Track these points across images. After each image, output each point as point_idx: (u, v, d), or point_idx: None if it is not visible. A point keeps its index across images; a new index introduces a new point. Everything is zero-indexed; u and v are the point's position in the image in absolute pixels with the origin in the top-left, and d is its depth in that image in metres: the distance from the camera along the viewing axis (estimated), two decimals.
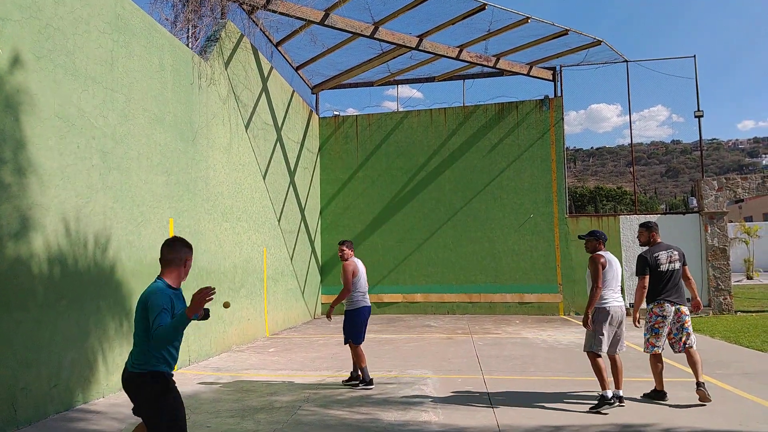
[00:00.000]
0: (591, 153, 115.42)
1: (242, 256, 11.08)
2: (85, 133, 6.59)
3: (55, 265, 5.99)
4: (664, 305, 6.10)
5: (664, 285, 6.13)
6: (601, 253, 6.05)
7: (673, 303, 6.09)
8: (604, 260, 5.97)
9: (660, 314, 6.11)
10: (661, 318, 6.11)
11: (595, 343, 5.92)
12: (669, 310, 6.09)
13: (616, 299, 5.97)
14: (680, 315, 6.10)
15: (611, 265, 6.02)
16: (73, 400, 6.16)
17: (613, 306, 5.92)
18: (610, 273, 5.99)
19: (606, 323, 5.90)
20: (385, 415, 5.70)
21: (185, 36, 10.15)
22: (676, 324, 6.12)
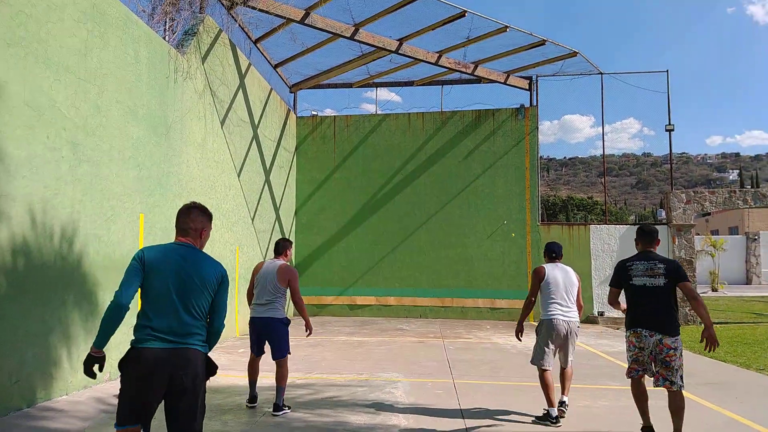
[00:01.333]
0: (564, 163, 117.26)
1: (214, 254, 10.89)
2: (56, 123, 6.43)
3: (20, 258, 5.83)
4: (641, 334, 4.88)
5: (640, 307, 4.93)
6: (543, 265, 5.98)
7: (653, 332, 4.80)
8: (542, 272, 5.87)
9: (637, 345, 4.94)
10: (638, 350, 4.94)
11: (537, 356, 5.79)
12: (648, 341, 4.85)
13: (560, 311, 5.74)
14: (662, 348, 4.77)
15: (553, 276, 5.84)
16: (36, 397, 5.99)
17: (555, 318, 5.71)
18: (553, 284, 5.81)
19: (547, 336, 5.73)
20: (354, 418, 5.67)
21: (162, 29, 10.00)
22: (659, 356, 4.81)
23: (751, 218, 46.37)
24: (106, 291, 7.27)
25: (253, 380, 6.13)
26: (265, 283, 6.02)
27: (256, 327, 6.06)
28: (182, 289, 3.17)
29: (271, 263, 6.16)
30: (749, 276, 38.75)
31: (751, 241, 38.93)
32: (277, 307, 5.99)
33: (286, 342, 5.99)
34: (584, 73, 16.56)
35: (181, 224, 3.36)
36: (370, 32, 13.80)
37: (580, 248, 16.19)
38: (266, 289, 6.00)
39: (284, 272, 6.03)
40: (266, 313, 5.96)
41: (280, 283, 5.99)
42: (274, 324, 5.96)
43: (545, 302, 5.85)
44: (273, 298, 5.98)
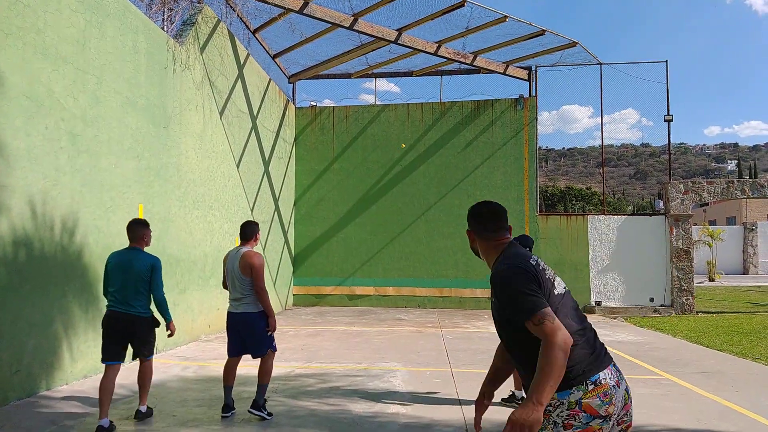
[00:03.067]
0: (562, 153, 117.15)
1: (213, 245, 10.96)
2: (54, 114, 6.43)
3: (20, 249, 5.85)
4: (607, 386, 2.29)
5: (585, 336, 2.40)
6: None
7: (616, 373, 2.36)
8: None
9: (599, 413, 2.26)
10: (600, 420, 2.26)
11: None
12: (617, 395, 2.30)
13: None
14: (629, 408, 2.37)
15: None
16: (36, 387, 6.04)
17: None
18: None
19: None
20: (354, 407, 5.72)
21: (161, 19, 9.96)
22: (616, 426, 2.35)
23: (748, 208, 46.46)
24: None
25: (228, 386, 5.41)
26: (232, 276, 5.41)
27: (232, 323, 5.43)
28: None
29: (235, 252, 5.47)
30: (746, 266, 38.89)
31: (748, 232, 39.04)
32: (250, 300, 5.35)
33: (266, 337, 5.37)
34: (584, 63, 16.52)
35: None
36: (369, 22, 13.74)
37: (578, 239, 16.23)
38: (234, 282, 5.40)
39: (245, 261, 5.33)
40: (241, 308, 5.36)
41: (245, 275, 5.32)
42: (248, 319, 5.33)
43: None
44: (244, 292, 5.34)
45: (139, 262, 5.11)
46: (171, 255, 9.15)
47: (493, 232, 2.61)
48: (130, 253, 5.19)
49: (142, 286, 5.11)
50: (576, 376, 2.27)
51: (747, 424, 5.27)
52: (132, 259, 5.12)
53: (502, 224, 2.62)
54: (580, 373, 2.27)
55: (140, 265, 5.11)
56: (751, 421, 5.39)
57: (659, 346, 9.91)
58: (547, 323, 2.20)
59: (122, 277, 5.07)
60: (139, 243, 5.27)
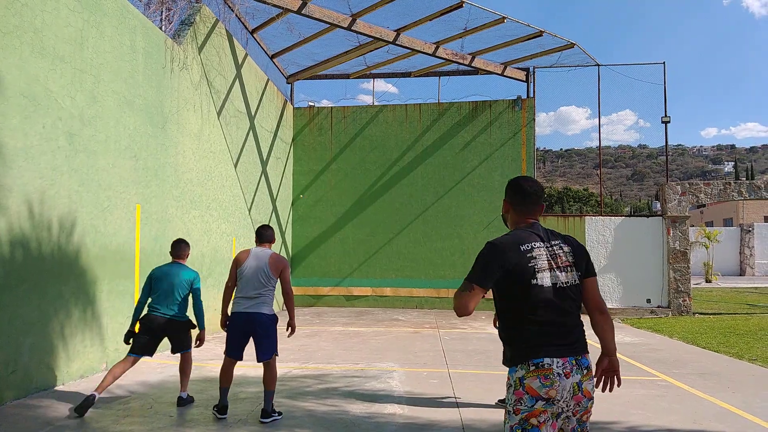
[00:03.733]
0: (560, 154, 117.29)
1: (210, 245, 10.95)
2: (52, 113, 6.41)
3: (17, 248, 5.83)
4: (551, 371, 2.48)
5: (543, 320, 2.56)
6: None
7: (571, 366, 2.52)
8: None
9: (539, 394, 2.47)
10: (543, 402, 2.47)
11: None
12: (561, 384, 2.47)
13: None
14: (580, 399, 2.52)
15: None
16: (32, 387, 6.02)
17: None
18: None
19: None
20: (351, 408, 5.72)
21: (159, 19, 9.95)
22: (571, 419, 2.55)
23: (745, 210, 46.59)
24: (102, 281, 7.30)
25: (225, 388, 5.37)
26: (256, 273, 5.30)
27: (241, 323, 5.27)
28: None
29: (261, 251, 5.46)
30: (743, 267, 38.98)
31: (745, 233, 39.15)
32: (267, 301, 5.31)
33: (275, 341, 5.35)
34: (581, 64, 16.55)
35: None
36: (367, 23, 13.75)
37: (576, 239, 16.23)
38: (257, 280, 5.29)
39: (278, 261, 5.41)
40: (255, 308, 5.24)
41: (273, 274, 5.35)
42: (265, 321, 5.25)
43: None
44: (264, 291, 5.29)
45: (182, 275, 5.82)
46: (168, 255, 9.12)
47: (526, 210, 2.80)
48: (174, 266, 5.90)
49: (182, 295, 5.81)
50: (520, 355, 2.55)
51: (743, 426, 5.29)
52: (176, 271, 5.83)
53: (537, 207, 2.81)
54: (523, 353, 2.54)
55: (184, 277, 5.83)
56: (747, 422, 5.40)
57: (656, 348, 9.93)
58: (459, 290, 2.59)
59: (166, 286, 5.73)
60: (182, 258, 6.02)
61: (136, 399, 5.96)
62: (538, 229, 2.73)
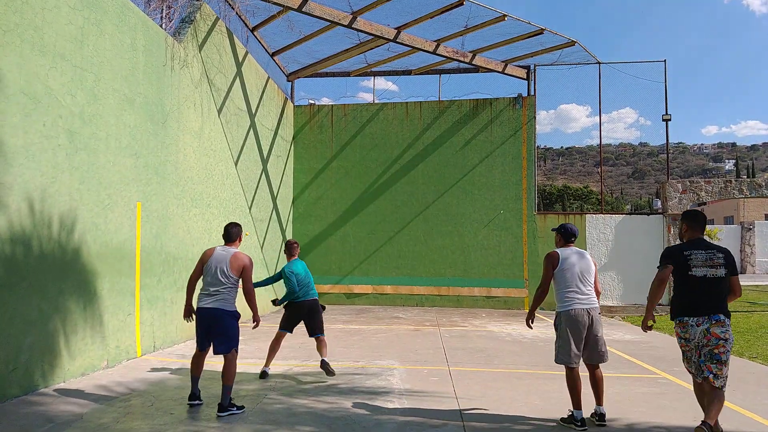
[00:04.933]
0: (560, 152, 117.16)
1: (211, 243, 10.95)
2: (52, 111, 6.42)
3: (17, 246, 5.84)
4: (687, 324, 4.68)
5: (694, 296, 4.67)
6: (556, 249, 5.47)
7: (702, 320, 4.61)
8: (555, 258, 5.34)
9: (682, 336, 4.77)
10: (684, 341, 4.78)
11: (560, 354, 5.27)
12: (693, 331, 4.66)
13: (578, 300, 5.23)
14: (710, 338, 4.59)
15: (568, 262, 5.31)
16: (33, 384, 6.03)
17: (574, 308, 5.20)
18: (569, 272, 5.27)
19: (567, 329, 5.21)
20: (352, 405, 5.73)
21: (159, 16, 9.94)
22: (705, 349, 4.61)
23: (746, 208, 46.55)
24: (103, 279, 7.30)
25: (195, 376, 5.67)
26: (216, 271, 5.58)
27: (203, 318, 5.57)
28: None
29: (223, 250, 5.73)
30: (744, 265, 38.97)
31: (746, 231, 39.13)
32: (226, 297, 5.56)
33: (233, 336, 5.59)
34: (582, 62, 16.53)
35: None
36: (367, 20, 13.74)
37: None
38: (216, 278, 5.57)
39: (237, 260, 5.62)
40: (214, 304, 5.53)
41: (233, 272, 5.58)
42: (223, 316, 5.52)
43: (561, 292, 5.31)
44: (223, 288, 5.55)
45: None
46: (169, 253, 9.14)
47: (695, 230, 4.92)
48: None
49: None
50: (672, 314, 4.85)
51: (743, 423, 5.29)
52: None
53: (701, 228, 4.92)
54: (674, 313, 4.83)
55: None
56: (747, 419, 5.41)
57: (657, 345, 9.93)
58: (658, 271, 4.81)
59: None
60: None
61: (137, 397, 5.97)
62: (700, 242, 4.79)
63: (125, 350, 7.81)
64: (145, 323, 8.35)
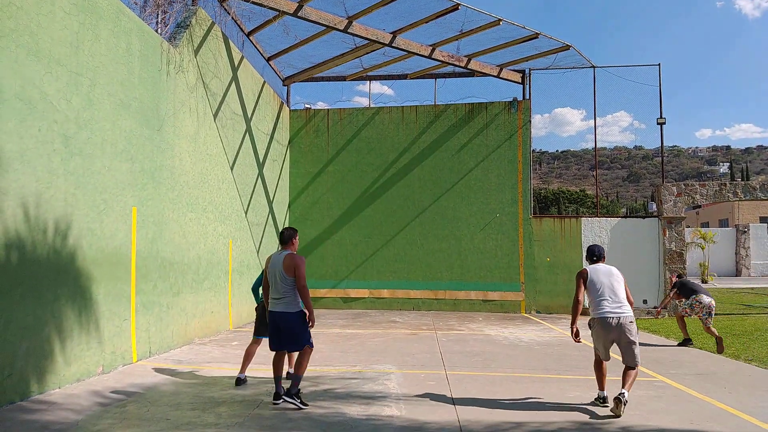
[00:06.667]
0: (556, 156, 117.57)
1: (207, 248, 10.94)
2: (47, 116, 6.40)
3: (13, 251, 5.82)
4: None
5: None
6: (585, 267, 6.38)
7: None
8: (584, 273, 6.26)
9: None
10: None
11: (595, 347, 6.24)
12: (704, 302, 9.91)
13: (609, 308, 6.00)
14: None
15: (596, 275, 6.17)
16: (29, 390, 5.99)
17: (604, 315, 5.98)
18: (598, 283, 6.12)
19: (597, 331, 6.06)
20: (348, 410, 5.71)
21: (154, 21, 9.95)
22: None
23: (741, 211, 46.74)
24: (99, 284, 7.28)
25: (278, 376, 6.03)
26: (275, 276, 5.96)
27: (273, 321, 5.98)
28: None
29: (278, 255, 6.07)
30: (739, 268, 39.10)
31: (740, 234, 39.28)
32: (290, 300, 5.91)
33: (301, 335, 5.90)
34: (577, 66, 16.60)
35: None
36: (363, 25, 13.77)
37: (571, 241, 16.30)
38: (276, 282, 5.94)
39: (289, 261, 5.92)
40: (281, 308, 5.92)
41: (287, 274, 5.88)
42: (288, 318, 5.90)
43: (593, 301, 6.10)
44: (285, 291, 5.91)
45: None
46: (164, 258, 9.12)
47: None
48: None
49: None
50: None
51: (739, 426, 5.30)
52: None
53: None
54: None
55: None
56: (743, 422, 5.42)
57: (653, 348, 9.95)
58: None
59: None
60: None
61: (133, 402, 5.94)
62: None
63: (121, 356, 7.78)
64: (140, 328, 8.32)
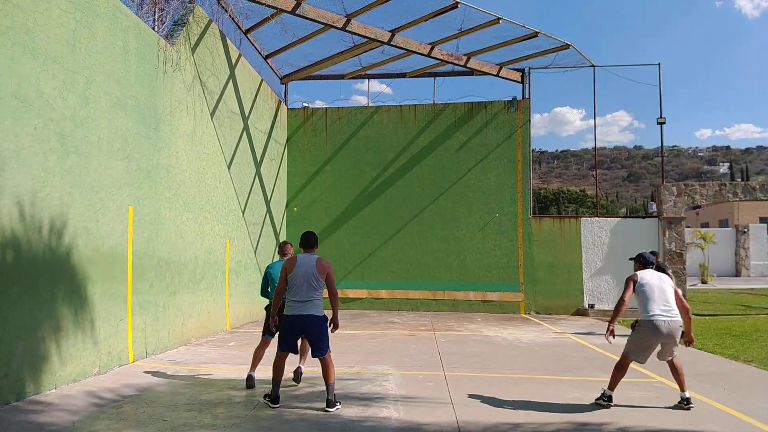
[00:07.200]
0: (555, 155, 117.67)
1: (204, 248, 10.89)
2: (43, 114, 6.35)
3: (8, 250, 5.77)
4: None
5: None
6: (635, 273, 6.40)
7: None
8: (634, 277, 6.31)
9: None
10: None
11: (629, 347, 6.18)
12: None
13: (659, 312, 5.99)
14: None
15: (646, 281, 6.20)
16: (25, 391, 5.95)
17: (655, 319, 5.97)
18: (648, 286, 6.15)
19: (644, 334, 6.04)
20: (345, 411, 5.67)
21: (151, 19, 9.89)
22: None
23: (740, 211, 46.74)
24: (95, 284, 7.23)
25: (278, 380, 5.89)
26: (306, 277, 5.81)
27: (294, 324, 5.82)
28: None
29: (308, 257, 5.96)
30: (738, 268, 39.10)
31: (740, 234, 39.27)
32: (318, 304, 5.86)
33: (327, 340, 5.90)
34: (577, 65, 16.56)
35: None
36: (362, 23, 13.72)
37: (571, 241, 16.26)
38: (308, 284, 5.81)
39: (322, 264, 5.91)
40: (308, 311, 5.79)
41: (321, 276, 5.86)
42: (318, 322, 5.83)
43: (644, 305, 6.09)
44: (314, 294, 5.83)
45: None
46: (161, 258, 9.07)
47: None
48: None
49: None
50: None
51: (739, 427, 5.27)
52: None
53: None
54: None
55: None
56: (742, 423, 5.39)
57: None
58: None
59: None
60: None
61: (129, 403, 5.90)
62: None
63: (117, 356, 7.73)
64: (137, 329, 8.27)
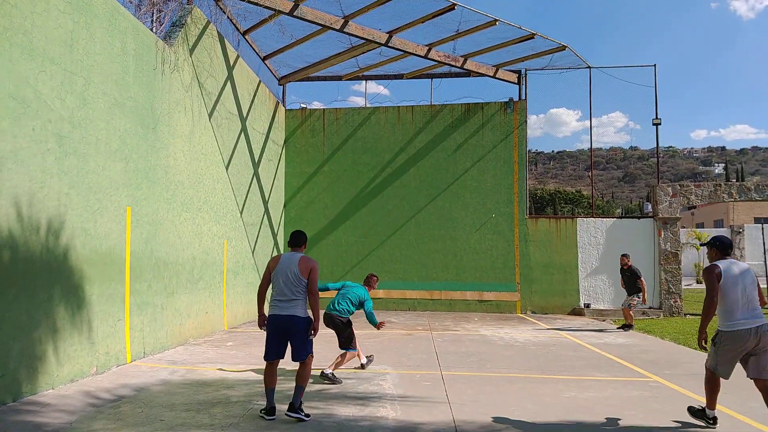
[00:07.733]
0: (552, 156, 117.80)
1: (202, 248, 10.90)
2: (41, 115, 6.36)
3: (6, 251, 5.78)
4: None
5: None
6: (716, 263, 5.21)
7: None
8: (718, 271, 5.11)
9: None
10: None
11: (711, 360, 5.25)
12: None
13: (744, 320, 4.99)
14: None
15: (730, 276, 5.08)
16: (22, 391, 5.96)
17: (738, 329, 4.99)
18: (731, 286, 5.06)
19: (726, 348, 5.08)
20: (342, 410, 5.70)
21: (149, 20, 9.90)
22: None
23: (735, 211, 46.92)
24: (92, 284, 7.24)
25: (271, 389, 5.49)
26: (287, 276, 5.52)
27: (278, 325, 5.49)
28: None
29: (292, 255, 5.68)
30: None
31: (735, 234, 39.40)
32: (300, 304, 5.51)
33: (310, 343, 5.56)
34: (573, 67, 16.62)
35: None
36: (359, 24, 13.75)
37: (567, 241, 16.32)
38: (289, 282, 5.50)
39: (306, 263, 5.57)
40: (290, 311, 5.46)
41: (303, 275, 5.51)
42: (300, 323, 5.47)
43: (724, 309, 5.09)
44: (296, 294, 5.49)
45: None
46: (159, 258, 9.08)
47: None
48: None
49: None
50: None
51: (735, 426, 5.31)
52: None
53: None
54: None
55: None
56: (738, 422, 5.43)
57: (648, 349, 9.97)
58: None
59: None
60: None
61: (127, 403, 5.91)
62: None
63: (115, 356, 7.74)
64: (134, 329, 8.28)
